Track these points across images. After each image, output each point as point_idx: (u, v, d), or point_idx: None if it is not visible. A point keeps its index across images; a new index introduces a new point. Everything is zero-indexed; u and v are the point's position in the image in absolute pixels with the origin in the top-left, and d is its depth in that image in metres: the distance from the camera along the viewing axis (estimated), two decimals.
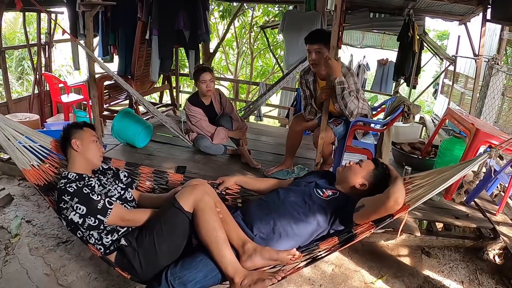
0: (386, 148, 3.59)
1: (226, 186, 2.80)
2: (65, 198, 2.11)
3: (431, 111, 13.52)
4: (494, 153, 2.16)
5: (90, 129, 2.51)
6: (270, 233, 2.29)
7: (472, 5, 5.44)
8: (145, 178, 2.84)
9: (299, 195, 2.49)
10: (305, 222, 2.34)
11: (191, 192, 2.21)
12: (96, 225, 2.12)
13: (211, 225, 2.11)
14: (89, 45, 3.59)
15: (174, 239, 2.18)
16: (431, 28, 16.46)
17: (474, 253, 3.29)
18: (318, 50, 3.23)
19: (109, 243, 2.19)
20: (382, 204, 2.18)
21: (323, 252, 2.22)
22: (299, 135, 3.88)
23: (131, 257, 2.15)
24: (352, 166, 2.56)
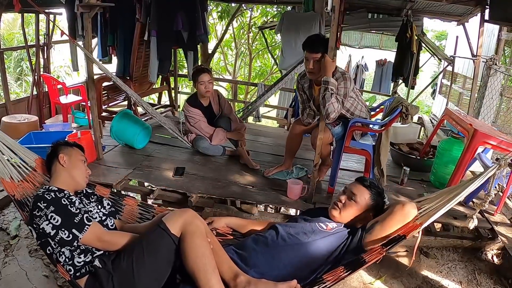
0: (384, 149, 3.59)
1: (215, 227, 2.55)
2: (40, 205, 1.95)
3: (430, 111, 13.53)
4: (503, 162, 2.07)
5: (80, 150, 2.44)
6: (268, 268, 2.11)
7: (470, 6, 5.45)
8: (130, 211, 2.65)
9: (300, 230, 2.34)
10: (307, 255, 2.19)
11: (180, 215, 2.02)
12: (69, 240, 1.93)
13: (200, 251, 1.91)
14: (87, 46, 3.59)
15: (156, 265, 1.94)
16: (429, 28, 16.49)
17: (472, 253, 3.30)
18: (317, 59, 3.16)
19: (81, 265, 1.97)
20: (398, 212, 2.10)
21: (328, 284, 2.03)
22: (299, 138, 3.87)
23: (103, 281, 1.90)
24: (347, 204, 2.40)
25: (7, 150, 2.33)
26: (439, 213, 2.05)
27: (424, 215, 2.12)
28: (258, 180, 3.82)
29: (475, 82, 5.70)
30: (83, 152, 2.47)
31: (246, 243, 2.31)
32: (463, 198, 2.12)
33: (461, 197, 2.07)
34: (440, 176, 3.87)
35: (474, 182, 2.07)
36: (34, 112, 5.65)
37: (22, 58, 12.49)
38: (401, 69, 6.96)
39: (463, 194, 2.06)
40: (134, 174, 3.74)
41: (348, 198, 2.41)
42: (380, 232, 2.13)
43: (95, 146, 3.90)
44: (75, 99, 5.66)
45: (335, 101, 3.07)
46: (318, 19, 5.92)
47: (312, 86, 3.47)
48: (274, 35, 11.50)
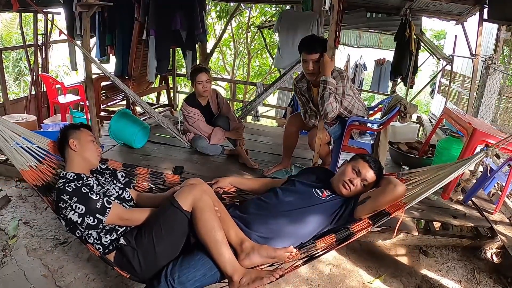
0: (383, 148, 3.59)
1: (220, 186, 2.79)
2: (64, 198, 2.11)
3: (428, 110, 13.54)
4: (490, 152, 2.19)
5: (87, 130, 2.52)
6: (268, 232, 2.30)
7: (469, 5, 5.44)
8: (142, 179, 2.83)
9: (297, 195, 2.51)
10: (303, 221, 2.36)
11: (189, 191, 2.21)
12: (95, 224, 2.12)
13: (209, 224, 2.11)
14: (86, 45, 3.59)
15: (172, 239, 2.18)
16: (428, 27, 16.53)
17: (471, 252, 3.30)
18: (316, 60, 3.17)
19: (108, 243, 2.19)
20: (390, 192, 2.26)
21: (320, 251, 2.24)
22: (295, 135, 3.88)
23: (130, 256, 2.15)
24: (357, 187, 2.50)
25: (20, 139, 2.44)
26: (424, 195, 2.22)
27: (409, 196, 2.28)
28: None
29: (474, 81, 5.69)
30: (90, 130, 2.56)
31: (249, 207, 2.49)
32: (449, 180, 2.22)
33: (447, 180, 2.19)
34: None
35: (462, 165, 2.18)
36: (33, 112, 5.63)
37: (20, 58, 12.48)
38: (399, 68, 6.96)
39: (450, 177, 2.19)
40: None
41: (360, 181, 2.51)
42: (371, 207, 2.34)
43: None
44: (73, 98, 5.65)
45: (334, 100, 3.06)
46: (316, 18, 5.92)
47: (310, 88, 3.47)
48: (273, 35, 11.50)
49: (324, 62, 3.03)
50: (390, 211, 2.27)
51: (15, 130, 2.44)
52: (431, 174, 2.33)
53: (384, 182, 2.44)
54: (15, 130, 2.44)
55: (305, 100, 3.53)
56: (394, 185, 2.27)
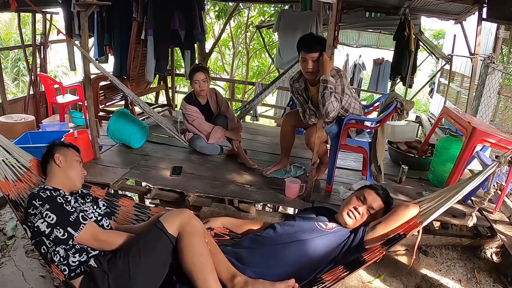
0: (380, 146, 3.59)
1: (211, 227, 2.55)
2: (35, 203, 1.93)
3: (427, 110, 13.55)
4: (503, 160, 2.10)
5: (75, 151, 2.44)
6: (265, 267, 2.10)
7: (468, 4, 5.43)
8: (125, 212, 2.65)
9: (298, 228, 2.35)
10: (305, 253, 2.18)
11: (177, 214, 2.01)
12: (64, 238, 1.91)
13: (197, 251, 1.90)
14: (84, 45, 3.58)
15: (152, 265, 1.93)
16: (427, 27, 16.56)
17: (471, 252, 3.29)
18: (315, 59, 3.15)
19: (75, 265, 1.95)
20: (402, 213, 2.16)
21: (327, 283, 2.03)
22: (291, 133, 3.88)
23: (99, 281, 1.88)
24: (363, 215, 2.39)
25: (2, 151, 2.33)
26: (439, 211, 2.06)
27: (424, 214, 2.15)
28: (256, 179, 3.81)
29: (473, 80, 5.68)
30: (79, 153, 2.47)
31: (243, 243, 2.31)
32: (462, 197, 2.14)
33: (461, 196, 2.09)
34: (438, 174, 3.87)
35: (474, 180, 2.10)
36: (31, 112, 5.62)
37: (19, 58, 12.48)
38: (398, 68, 6.97)
39: (463, 193, 2.09)
40: (131, 174, 3.72)
41: (366, 209, 2.41)
42: (382, 231, 2.17)
43: (92, 146, 3.88)
44: (72, 98, 5.65)
45: (334, 99, 3.06)
46: (315, 18, 5.92)
47: (307, 87, 3.46)
48: (272, 35, 11.51)
49: (324, 61, 3.02)
50: (406, 232, 2.10)
51: None
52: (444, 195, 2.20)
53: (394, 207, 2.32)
54: None
55: (302, 100, 3.52)
56: (406, 206, 2.18)
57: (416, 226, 2.10)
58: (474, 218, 2.39)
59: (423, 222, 2.09)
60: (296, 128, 3.95)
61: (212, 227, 2.55)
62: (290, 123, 3.84)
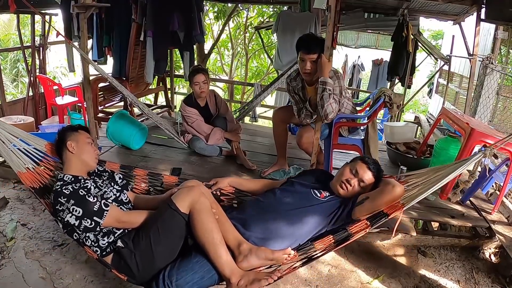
0: (373, 141, 3.58)
1: (220, 187, 2.80)
2: (61, 200, 2.11)
3: (426, 110, 13.56)
4: (488, 152, 2.20)
5: (85, 132, 2.52)
6: (266, 233, 2.30)
7: (466, 5, 5.45)
8: (140, 180, 2.84)
9: (296, 196, 2.52)
10: (301, 222, 2.36)
11: (187, 193, 2.21)
12: (92, 227, 2.13)
13: (207, 226, 2.11)
14: (83, 47, 3.58)
15: (170, 241, 2.18)
16: (426, 28, 16.53)
17: (470, 252, 3.30)
18: (314, 60, 3.17)
19: (105, 245, 2.19)
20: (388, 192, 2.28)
21: (318, 252, 2.25)
22: (283, 129, 3.92)
23: (127, 258, 2.14)
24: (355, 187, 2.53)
25: (18, 141, 2.46)
26: (422, 196, 2.23)
27: (408, 197, 2.31)
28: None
29: (472, 81, 5.69)
30: (89, 132, 2.57)
31: (247, 209, 2.50)
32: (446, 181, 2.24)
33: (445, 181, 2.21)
34: None
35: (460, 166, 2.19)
36: (30, 114, 5.62)
37: (18, 59, 12.47)
38: (396, 68, 6.98)
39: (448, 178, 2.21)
40: None
41: (357, 181, 2.53)
42: (369, 208, 2.35)
43: None
44: (71, 100, 5.65)
45: (333, 101, 3.07)
46: (314, 19, 5.92)
47: (304, 87, 3.46)
48: (271, 35, 11.50)
49: (322, 63, 3.03)
50: (388, 212, 2.27)
51: (12, 132, 2.45)
52: (429, 175, 2.34)
53: (382, 183, 2.46)
54: (12, 132, 2.45)
55: (298, 99, 3.53)
56: (393, 186, 2.29)
57: (399, 208, 2.25)
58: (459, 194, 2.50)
59: (405, 205, 2.25)
60: (287, 124, 3.97)
61: (220, 187, 2.80)
62: (280, 119, 3.87)
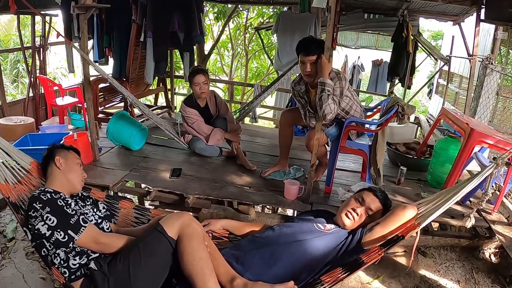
0: (380, 149, 3.60)
1: (211, 229, 2.58)
2: (35, 206, 1.94)
3: (426, 111, 13.56)
4: (500, 161, 2.10)
5: (76, 154, 2.45)
6: (264, 269, 2.11)
7: (466, 5, 5.45)
8: (125, 214, 2.66)
9: (297, 229, 2.36)
10: (304, 253, 2.19)
11: (177, 217, 2.03)
12: (64, 241, 1.91)
13: (197, 254, 1.92)
14: (83, 47, 3.58)
15: (152, 268, 1.94)
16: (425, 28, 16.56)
17: (470, 252, 3.31)
18: (314, 61, 3.17)
19: (76, 267, 1.97)
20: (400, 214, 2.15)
21: (326, 285, 2.04)
22: (289, 131, 3.90)
23: (99, 283, 1.89)
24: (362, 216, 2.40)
25: (2, 153, 2.31)
26: (437, 213, 2.05)
27: (422, 216, 2.14)
28: (255, 181, 3.82)
29: (471, 81, 5.71)
30: (79, 155, 2.47)
31: (242, 245, 2.33)
32: (460, 198, 2.14)
33: (459, 197, 2.09)
34: (437, 175, 3.88)
35: (472, 181, 2.09)
36: (30, 114, 5.63)
37: (18, 60, 12.48)
38: (396, 69, 6.98)
39: (461, 194, 2.08)
40: (131, 176, 3.73)
41: (364, 210, 2.42)
42: (380, 232, 2.16)
43: (91, 148, 3.89)
44: (71, 100, 5.65)
45: (332, 102, 3.07)
46: (314, 20, 5.93)
47: (308, 90, 3.47)
48: (271, 36, 11.50)
49: (322, 64, 3.03)
50: (404, 234, 2.09)
51: None
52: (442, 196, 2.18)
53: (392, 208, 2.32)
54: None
55: (304, 102, 3.53)
56: (404, 207, 2.18)
57: (414, 227, 2.08)
58: (472, 219, 2.41)
59: (421, 223, 2.07)
60: (294, 126, 3.97)
61: (212, 229, 2.57)
62: (288, 121, 3.86)
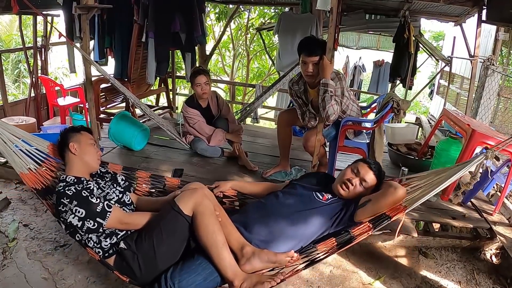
0: (378, 146, 3.60)
1: (222, 190, 2.80)
2: (63, 201, 2.10)
3: (427, 112, 13.55)
4: (490, 154, 2.20)
5: (87, 133, 2.53)
6: (269, 236, 2.30)
7: (468, 6, 5.45)
8: (143, 182, 2.85)
9: (298, 198, 2.51)
10: (304, 224, 2.36)
11: (190, 195, 2.21)
12: (95, 228, 2.12)
13: (210, 228, 2.11)
14: (85, 48, 3.59)
15: (173, 243, 2.17)
16: (427, 29, 16.51)
17: (471, 253, 3.30)
18: (316, 62, 3.17)
19: (108, 247, 2.19)
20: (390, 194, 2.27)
21: (321, 254, 2.24)
22: (287, 131, 3.91)
23: (130, 260, 2.14)
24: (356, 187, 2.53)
25: (20, 141, 2.46)
26: (424, 198, 2.22)
27: (410, 199, 2.31)
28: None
29: (473, 82, 5.71)
30: (91, 134, 2.57)
31: (250, 211, 2.49)
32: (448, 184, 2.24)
33: (447, 183, 2.21)
34: None
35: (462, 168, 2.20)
36: (32, 114, 5.63)
37: (20, 60, 12.48)
38: (398, 69, 6.99)
39: (450, 180, 2.21)
40: None
41: (359, 181, 2.54)
42: (371, 210, 2.35)
43: None
44: (73, 101, 5.65)
45: (335, 103, 3.07)
46: (315, 20, 5.93)
47: (306, 90, 3.47)
48: (272, 36, 11.51)
49: (324, 65, 3.04)
50: (391, 215, 2.27)
51: (15, 133, 2.45)
52: (431, 178, 2.34)
53: (384, 186, 2.45)
54: (14, 132, 2.45)
55: (301, 102, 3.53)
56: (394, 188, 2.28)
57: (401, 210, 2.24)
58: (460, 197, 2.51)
59: (407, 207, 2.24)
60: (292, 127, 3.97)
61: (222, 190, 2.80)
62: (285, 121, 3.87)
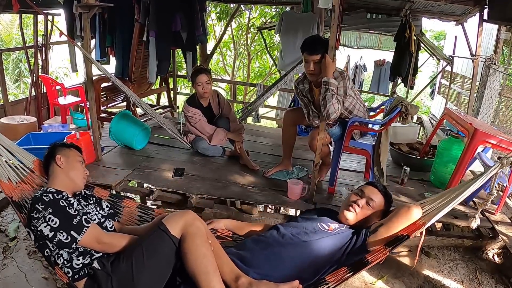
0: (384, 148, 3.59)
1: (214, 228, 2.54)
2: (38, 207, 1.92)
3: (428, 111, 13.54)
4: (506, 161, 2.08)
5: (77, 151, 2.43)
6: (268, 269, 2.09)
7: (469, 6, 5.44)
8: (129, 213, 2.64)
9: (301, 230, 2.32)
10: (309, 255, 2.16)
11: (181, 216, 2.00)
12: (67, 242, 1.90)
13: (201, 252, 1.89)
14: (86, 47, 3.58)
15: (155, 267, 1.92)
16: (428, 28, 16.49)
17: (473, 253, 3.30)
18: (317, 61, 3.15)
19: (79, 267, 1.94)
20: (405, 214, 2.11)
21: (331, 285, 2.00)
22: (292, 131, 3.90)
23: (102, 283, 1.87)
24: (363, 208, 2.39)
25: (5, 152, 2.31)
26: (442, 213, 2.03)
27: (427, 215, 2.12)
28: (258, 181, 3.81)
29: (474, 81, 5.70)
30: (81, 153, 2.46)
31: (247, 244, 2.30)
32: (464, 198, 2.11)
33: (463, 197, 2.07)
34: (440, 175, 3.87)
35: (476, 181, 2.08)
36: (33, 114, 5.63)
37: (20, 59, 12.46)
38: (399, 69, 6.98)
39: (465, 194, 2.06)
40: (134, 175, 3.72)
41: (365, 201, 2.41)
42: (384, 233, 2.13)
43: (94, 147, 3.89)
44: (73, 100, 5.65)
45: (336, 101, 3.06)
46: (316, 19, 5.92)
47: (311, 89, 3.46)
48: (273, 36, 11.51)
49: (326, 63, 3.03)
50: (409, 233, 2.07)
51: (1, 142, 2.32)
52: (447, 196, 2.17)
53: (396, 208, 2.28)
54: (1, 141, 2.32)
55: (307, 101, 3.52)
56: (408, 207, 2.13)
57: (419, 227, 2.06)
58: (477, 220, 2.39)
59: (426, 223, 2.05)
60: (297, 126, 3.96)
61: (215, 228, 2.54)
62: (290, 120, 3.86)
